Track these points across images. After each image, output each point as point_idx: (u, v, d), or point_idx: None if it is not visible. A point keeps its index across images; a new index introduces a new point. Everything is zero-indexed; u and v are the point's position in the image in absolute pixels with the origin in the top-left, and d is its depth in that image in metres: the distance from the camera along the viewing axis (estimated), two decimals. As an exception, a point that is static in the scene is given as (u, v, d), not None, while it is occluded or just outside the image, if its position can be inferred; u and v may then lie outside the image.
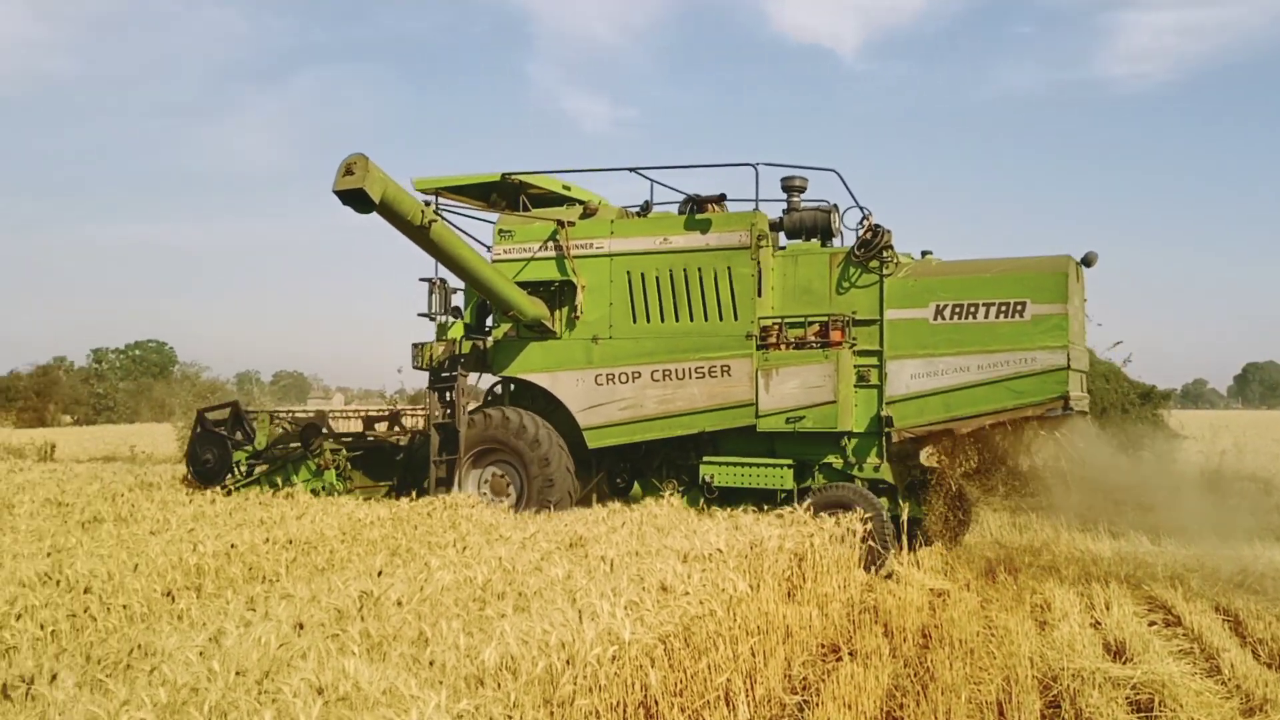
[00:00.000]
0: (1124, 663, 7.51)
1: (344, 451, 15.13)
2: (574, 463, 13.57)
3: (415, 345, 14.63)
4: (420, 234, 12.14)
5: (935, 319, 12.04)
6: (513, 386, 14.62)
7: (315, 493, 13.93)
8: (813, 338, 12.52)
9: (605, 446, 13.50)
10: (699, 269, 13.05)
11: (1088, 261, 12.54)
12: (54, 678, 4.93)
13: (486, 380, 15.24)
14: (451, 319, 14.86)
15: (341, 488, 14.51)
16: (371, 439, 16.10)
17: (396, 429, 16.93)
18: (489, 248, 14.38)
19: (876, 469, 12.38)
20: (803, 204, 13.54)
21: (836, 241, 13.49)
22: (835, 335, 12.27)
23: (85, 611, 7.06)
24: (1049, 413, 11.65)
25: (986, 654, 7.72)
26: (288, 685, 4.43)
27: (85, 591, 7.34)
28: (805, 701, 6.66)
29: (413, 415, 17.94)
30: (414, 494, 13.51)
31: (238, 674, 4.80)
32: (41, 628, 6.64)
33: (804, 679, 7.14)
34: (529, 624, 5.58)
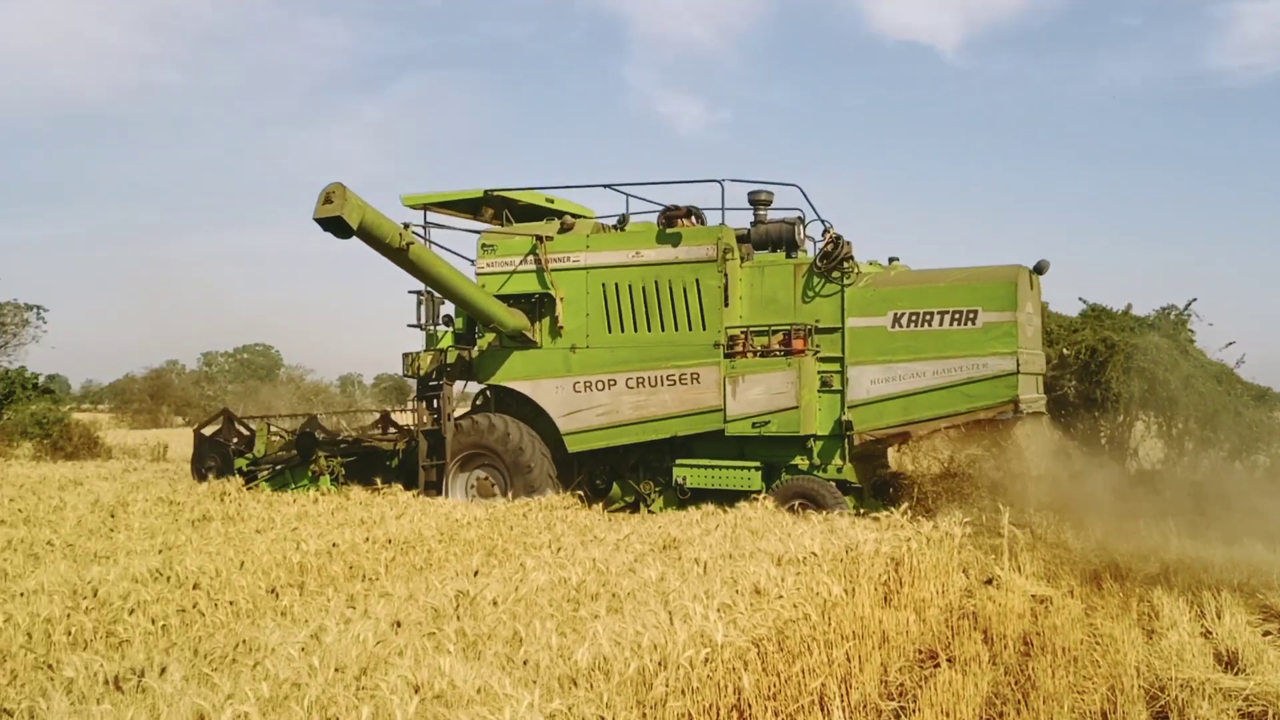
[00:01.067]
0: (1236, 673, 7.23)
1: (338, 457, 15.78)
2: (555, 465, 14.24)
3: (405, 355, 15.35)
4: (399, 255, 12.83)
5: (893, 327, 12.63)
6: (500, 394, 15.09)
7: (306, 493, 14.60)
8: (777, 346, 13.15)
9: (584, 450, 14.11)
10: (669, 281, 13.68)
11: (1040, 269, 13.08)
12: (163, 671, 5.10)
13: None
14: (445, 327, 15.53)
15: (335, 491, 14.97)
16: (365, 444, 16.69)
17: (393, 432, 17.49)
18: (473, 261, 15.00)
19: (840, 470, 12.94)
20: (769, 217, 14.11)
21: (812, 250, 14.01)
22: (797, 344, 12.93)
23: (194, 607, 7.30)
24: (1000, 415, 12.26)
25: (1091, 662, 7.52)
26: (385, 682, 4.51)
27: (194, 587, 7.59)
28: (902, 708, 6.55)
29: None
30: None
31: (337, 670, 4.91)
32: (153, 622, 6.89)
33: (900, 685, 7.03)
34: (622, 625, 5.60)
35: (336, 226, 11.99)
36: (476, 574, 7.84)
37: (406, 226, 13.00)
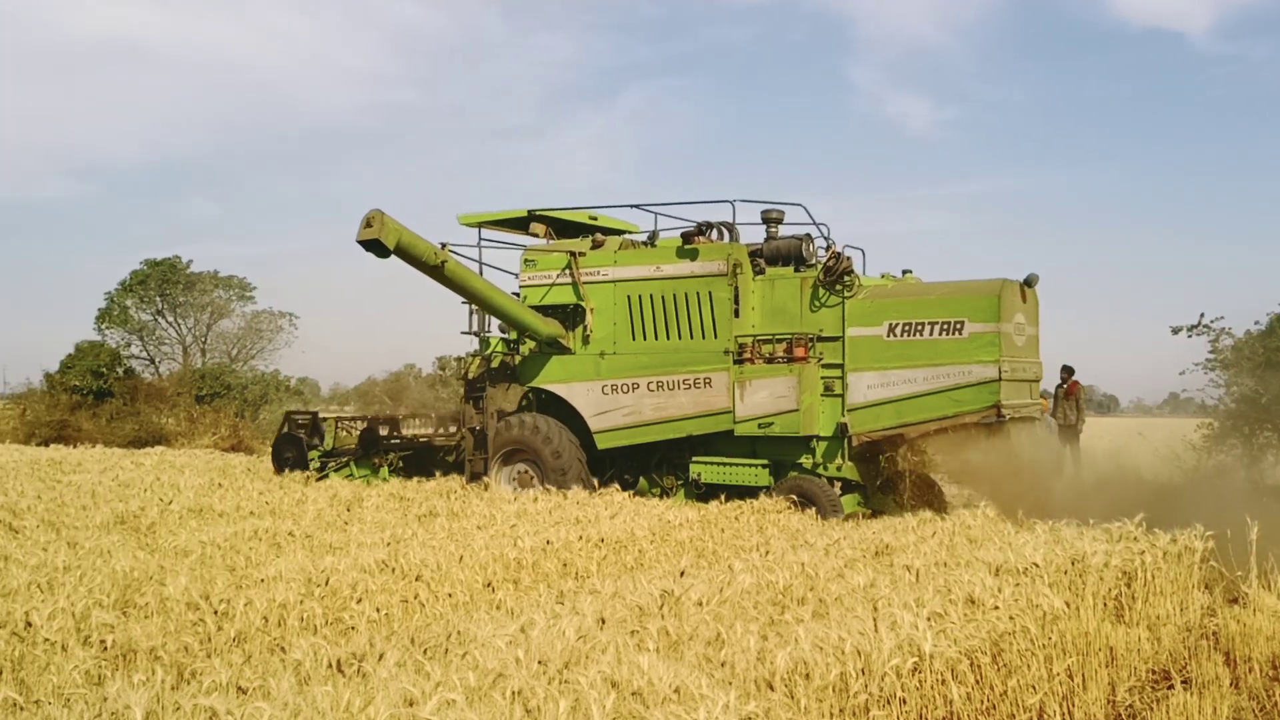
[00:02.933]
0: None
1: (394, 452, 17.98)
2: (587, 460, 15.34)
3: (458, 359, 17.09)
4: (436, 272, 14.03)
5: (888, 336, 13.51)
6: (543, 396, 16.20)
7: (367, 481, 16.72)
8: (782, 353, 14.15)
9: (613, 447, 15.24)
10: (685, 293, 14.81)
11: (1029, 282, 13.85)
12: (381, 657, 5.34)
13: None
14: (500, 335, 16.83)
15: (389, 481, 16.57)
16: (421, 441, 18.34)
17: (453, 430, 18.77)
18: (517, 275, 16.33)
19: (839, 469, 13.85)
20: (780, 234, 15.08)
21: (824, 262, 14.43)
22: (799, 351, 13.95)
23: (415, 598, 7.63)
24: (985, 420, 13.03)
25: (1351, 692, 6.85)
26: (585, 677, 4.57)
27: (416, 579, 7.94)
28: (1130, 730, 6.16)
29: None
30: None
31: (540, 663, 5.01)
32: (377, 611, 7.25)
33: (1129, 706, 6.61)
34: (825, 630, 5.48)
35: (376, 248, 13.13)
36: (682, 574, 7.86)
37: (443, 246, 14.12)
